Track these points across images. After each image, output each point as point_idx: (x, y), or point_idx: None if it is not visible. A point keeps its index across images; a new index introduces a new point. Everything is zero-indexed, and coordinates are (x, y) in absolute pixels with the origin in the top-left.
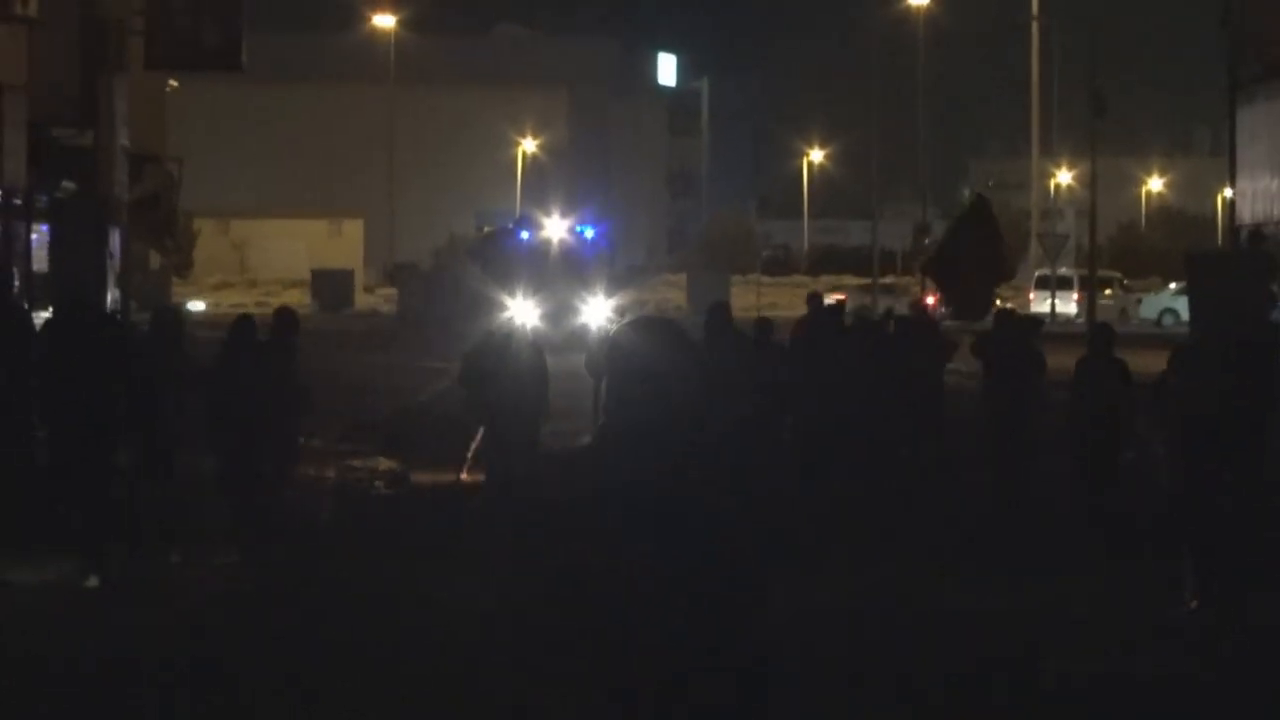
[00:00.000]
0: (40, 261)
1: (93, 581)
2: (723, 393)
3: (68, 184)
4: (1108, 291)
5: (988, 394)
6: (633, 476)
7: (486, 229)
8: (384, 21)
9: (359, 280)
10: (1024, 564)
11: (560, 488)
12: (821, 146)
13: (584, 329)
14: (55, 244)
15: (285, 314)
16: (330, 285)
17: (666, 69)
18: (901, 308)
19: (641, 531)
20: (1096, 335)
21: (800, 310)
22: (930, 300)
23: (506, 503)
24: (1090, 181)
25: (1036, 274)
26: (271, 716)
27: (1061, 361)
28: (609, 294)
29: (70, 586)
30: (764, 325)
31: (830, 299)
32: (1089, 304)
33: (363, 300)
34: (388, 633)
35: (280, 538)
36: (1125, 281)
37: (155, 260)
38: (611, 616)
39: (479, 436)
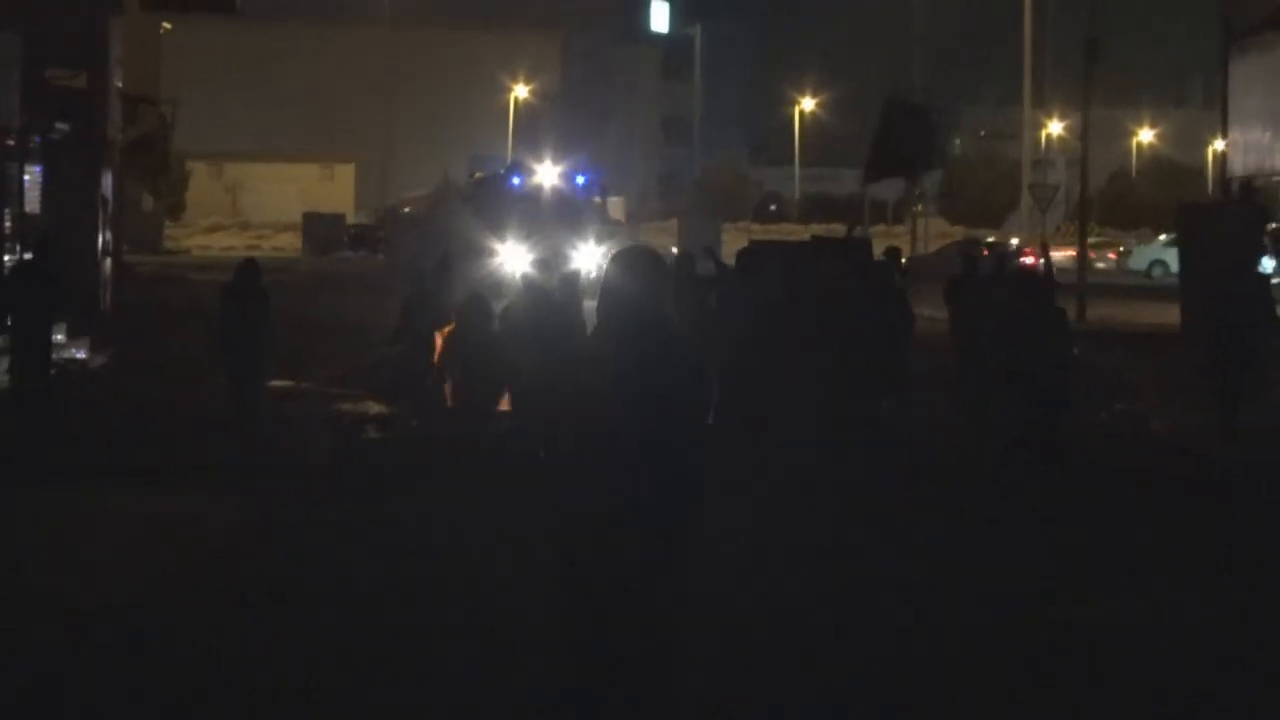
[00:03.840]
0: (33, 203)
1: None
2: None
3: (61, 125)
4: None
5: (956, 337)
6: (609, 348)
7: (478, 174)
8: None
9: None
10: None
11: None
12: (814, 94)
13: (575, 275)
14: (48, 185)
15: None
16: (321, 229)
17: (660, 15)
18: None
19: (626, 378)
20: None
21: None
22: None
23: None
24: (1083, 131)
25: None
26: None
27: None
28: (600, 240)
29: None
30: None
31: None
32: (1080, 256)
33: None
34: (382, 574)
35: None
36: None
37: (148, 202)
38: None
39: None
